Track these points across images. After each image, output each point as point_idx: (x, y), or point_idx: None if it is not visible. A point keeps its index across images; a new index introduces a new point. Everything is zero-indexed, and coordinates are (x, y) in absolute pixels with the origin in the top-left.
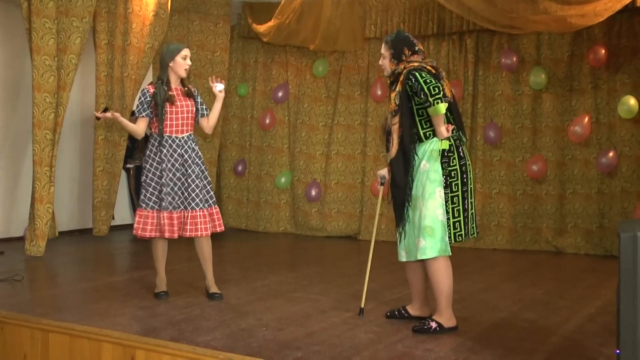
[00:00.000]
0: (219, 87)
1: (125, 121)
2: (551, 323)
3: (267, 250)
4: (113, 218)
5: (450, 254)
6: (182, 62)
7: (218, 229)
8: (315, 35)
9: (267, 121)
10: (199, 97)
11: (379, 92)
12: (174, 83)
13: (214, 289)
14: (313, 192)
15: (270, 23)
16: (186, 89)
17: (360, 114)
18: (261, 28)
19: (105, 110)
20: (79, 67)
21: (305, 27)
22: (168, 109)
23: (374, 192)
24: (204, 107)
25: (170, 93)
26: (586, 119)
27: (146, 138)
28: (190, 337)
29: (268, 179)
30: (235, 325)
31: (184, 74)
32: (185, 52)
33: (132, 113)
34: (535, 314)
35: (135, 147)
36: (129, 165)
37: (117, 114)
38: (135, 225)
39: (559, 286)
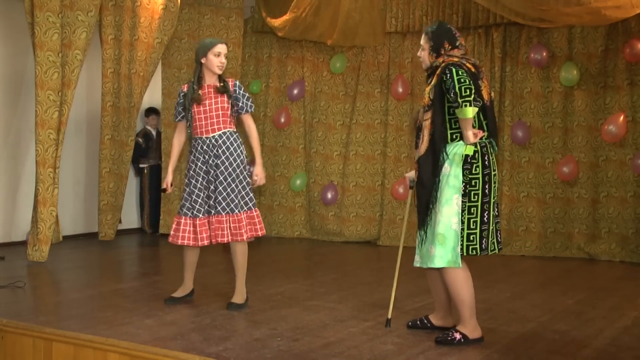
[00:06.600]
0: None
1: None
2: (583, 335)
3: (281, 256)
4: (120, 222)
5: (460, 266)
6: (214, 59)
7: (260, 233)
8: (333, 29)
9: (282, 120)
10: (241, 91)
11: (400, 90)
12: (208, 80)
13: (234, 298)
14: (330, 195)
15: (286, 17)
16: (221, 84)
17: (380, 112)
18: (276, 22)
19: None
20: (85, 63)
21: (322, 21)
22: (195, 110)
23: (394, 195)
24: (249, 102)
25: (198, 92)
26: (621, 118)
27: (159, 135)
28: (201, 347)
29: (282, 181)
30: (248, 335)
31: (218, 72)
32: (219, 48)
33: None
34: (567, 325)
35: (150, 147)
36: (142, 165)
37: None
38: (171, 232)
39: (592, 295)
